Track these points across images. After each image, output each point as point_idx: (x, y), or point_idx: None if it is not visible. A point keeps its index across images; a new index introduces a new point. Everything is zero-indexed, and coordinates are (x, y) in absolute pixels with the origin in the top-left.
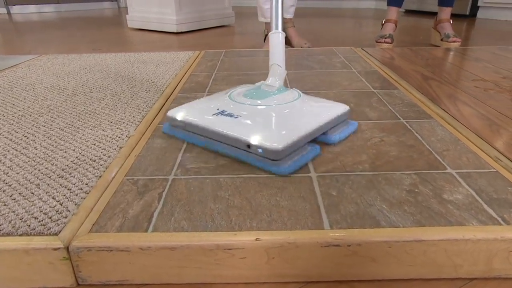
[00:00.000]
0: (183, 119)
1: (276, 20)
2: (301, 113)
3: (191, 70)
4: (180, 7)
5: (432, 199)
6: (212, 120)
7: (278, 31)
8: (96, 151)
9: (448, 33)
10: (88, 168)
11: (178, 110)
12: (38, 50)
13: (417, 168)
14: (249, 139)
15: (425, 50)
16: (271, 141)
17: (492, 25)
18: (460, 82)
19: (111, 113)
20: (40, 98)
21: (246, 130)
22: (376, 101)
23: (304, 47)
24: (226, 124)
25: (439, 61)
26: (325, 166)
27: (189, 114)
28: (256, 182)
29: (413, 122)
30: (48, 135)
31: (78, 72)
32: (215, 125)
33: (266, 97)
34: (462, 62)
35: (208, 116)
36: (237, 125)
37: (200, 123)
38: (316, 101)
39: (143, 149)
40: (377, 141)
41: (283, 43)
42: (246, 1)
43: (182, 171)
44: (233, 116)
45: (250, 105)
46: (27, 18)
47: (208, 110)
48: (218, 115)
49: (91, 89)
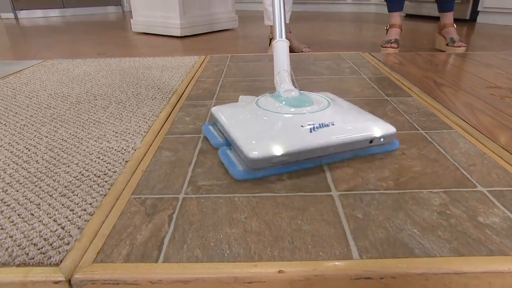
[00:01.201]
0: (285, 151)
1: (279, 28)
2: (348, 105)
3: (197, 76)
4: (184, 11)
5: (467, 223)
6: (318, 136)
7: (282, 39)
8: (101, 166)
9: (453, 38)
10: (92, 185)
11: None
12: (44, 54)
13: (445, 185)
14: (372, 134)
15: (432, 55)
16: (385, 128)
17: (492, 29)
18: (475, 89)
19: (116, 123)
20: (44, 106)
21: (359, 131)
22: (391, 109)
23: (304, 51)
24: (337, 133)
25: (449, 67)
26: (346, 183)
27: (284, 143)
28: (274, 202)
29: (432, 133)
30: (51, 147)
31: (82, 78)
32: (329, 138)
33: (311, 101)
34: (472, 67)
35: (308, 135)
36: (345, 130)
37: (311, 145)
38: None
39: (150, 163)
40: (398, 154)
41: (288, 51)
42: (249, 6)
43: (193, 189)
44: (329, 125)
45: (321, 111)
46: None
47: (296, 132)
48: (314, 130)
49: (96, 97)
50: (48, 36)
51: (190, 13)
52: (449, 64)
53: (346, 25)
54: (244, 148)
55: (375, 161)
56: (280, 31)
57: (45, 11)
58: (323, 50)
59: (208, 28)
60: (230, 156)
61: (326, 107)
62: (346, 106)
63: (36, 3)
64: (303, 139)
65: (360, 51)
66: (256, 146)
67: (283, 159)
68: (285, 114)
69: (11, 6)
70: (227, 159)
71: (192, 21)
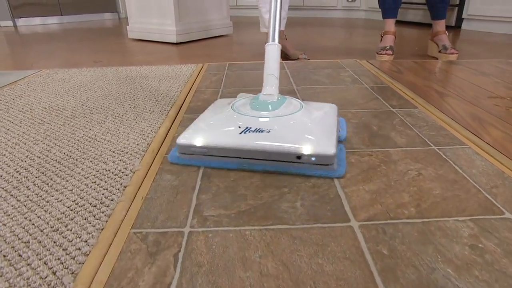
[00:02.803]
0: (206, 144)
1: (273, 32)
2: (319, 118)
3: (195, 86)
4: (180, 18)
5: (504, 259)
6: (245, 138)
7: (274, 43)
8: (97, 192)
9: (445, 45)
10: (88, 217)
11: (192, 135)
12: (40, 62)
13: (470, 212)
14: (300, 149)
15: (429, 63)
16: (321, 148)
17: (476, 36)
18: (478, 100)
19: (113, 140)
20: (37, 121)
21: (289, 142)
22: (399, 123)
23: (300, 58)
24: (264, 139)
25: (447, 75)
26: (366, 211)
27: (210, 137)
28: (289, 236)
29: (446, 149)
30: (43, 170)
31: (78, 89)
32: (252, 143)
33: (278, 107)
34: (470, 76)
35: (236, 136)
36: (276, 139)
37: (231, 144)
38: (312, 105)
39: (150, 188)
40: (415, 175)
41: (279, 55)
42: (242, 12)
43: (199, 220)
44: (264, 131)
45: (273, 117)
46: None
47: (229, 130)
48: (246, 132)
49: (91, 110)
50: (46, 43)
51: (186, 20)
52: (446, 72)
53: (338, 30)
54: (180, 135)
55: (391, 183)
56: (273, 34)
57: (43, 19)
58: (318, 57)
59: (203, 35)
60: None
61: (283, 115)
62: (312, 119)
63: (35, 11)
64: (228, 138)
65: (355, 57)
66: (186, 135)
67: (201, 151)
68: (237, 114)
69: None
70: None
71: (188, 27)
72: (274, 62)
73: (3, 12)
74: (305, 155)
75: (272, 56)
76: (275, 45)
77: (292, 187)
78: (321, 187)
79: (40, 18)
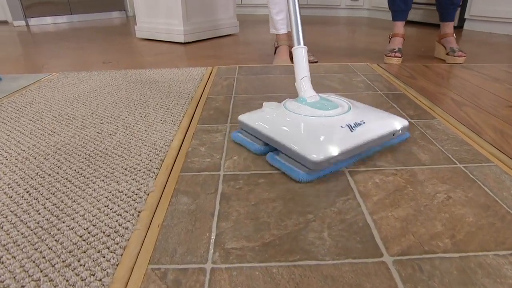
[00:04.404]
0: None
1: (297, 34)
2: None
3: (206, 92)
4: (188, 18)
5: None
6: (359, 134)
7: (301, 46)
8: (110, 218)
9: (453, 48)
10: (101, 250)
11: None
12: (51, 63)
13: (510, 244)
14: (395, 126)
15: (439, 67)
16: (401, 121)
17: (478, 36)
18: (496, 109)
19: (124, 155)
20: (48, 132)
21: (386, 125)
22: (420, 136)
23: (309, 59)
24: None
25: (460, 81)
26: (398, 243)
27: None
28: (320, 274)
29: (471, 167)
30: (54, 190)
31: (88, 95)
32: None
33: (336, 105)
34: (483, 82)
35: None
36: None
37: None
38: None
39: (167, 213)
40: (444, 198)
41: (306, 57)
42: (248, 10)
43: (221, 254)
44: (361, 124)
45: (345, 113)
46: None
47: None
48: (351, 129)
49: (101, 119)
50: (56, 43)
51: (193, 20)
52: (458, 77)
53: (342, 30)
54: (305, 152)
55: (420, 208)
56: (298, 38)
57: (54, 18)
58: (326, 58)
59: (210, 34)
60: (282, 161)
61: (349, 109)
62: (361, 106)
63: (46, 10)
64: (349, 138)
65: (362, 58)
66: (315, 149)
67: (338, 158)
68: (323, 118)
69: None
70: (282, 165)
71: (195, 27)
72: (305, 64)
73: (16, 12)
74: (397, 131)
75: (302, 58)
76: (301, 48)
77: (317, 213)
78: (348, 213)
79: (51, 17)
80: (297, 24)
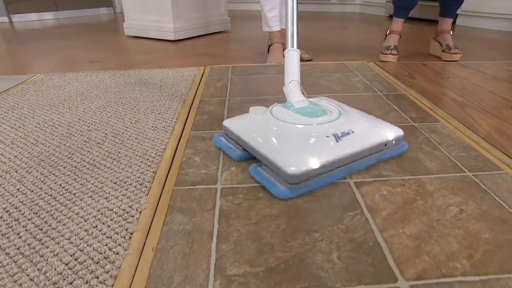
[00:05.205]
0: (319, 166)
1: (292, 37)
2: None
3: (199, 94)
4: (178, 15)
5: None
6: (344, 145)
7: (294, 48)
8: (99, 242)
9: (449, 45)
10: (90, 280)
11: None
12: (36, 63)
13: None
14: (387, 136)
15: (436, 65)
16: (395, 131)
17: (471, 32)
18: (499, 111)
19: (113, 167)
20: (31, 141)
21: (376, 135)
22: (425, 141)
23: (303, 57)
24: (358, 141)
25: (460, 80)
26: (413, 265)
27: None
28: None
29: (482, 176)
30: (36, 209)
31: (74, 98)
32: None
33: (325, 112)
34: (483, 81)
35: (336, 145)
36: (363, 137)
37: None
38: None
39: (161, 234)
40: (456, 212)
41: (298, 60)
42: (239, 5)
43: (222, 283)
44: (349, 133)
45: (334, 121)
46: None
47: (323, 142)
48: (337, 140)
49: (89, 126)
50: (41, 41)
51: (183, 17)
52: (457, 76)
53: (334, 25)
54: (282, 164)
55: (432, 224)
56: (292, 40)
57: (39, 15)
58: (321, 56)
59: (201, 31)
60: (264, 174)
61: (339, 116)
62: (353, 112)
63: (30, 6)
64: (333, 149)
65: (357, 55)
66: (294, 161)
67: (319, 171)
68: (307, 126)
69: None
70: (263, 178)
71: (185, 24)
72: (296, 68)
73: None
74: (390, 141)
75: (293, 62)
76: (294, 51)
77: (324, 231)
78: (357, 230)
79: (36, 14)
80: (293, 25)
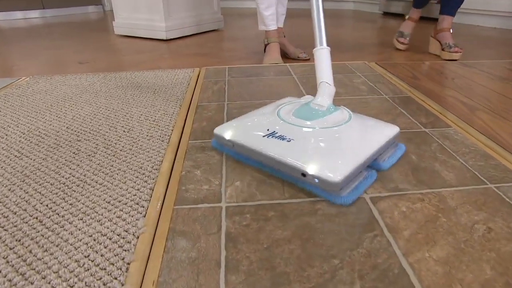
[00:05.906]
0: (232, 138)
1: (320, 34)
2: (355, 137)
3: (196, 98)
4: (169, 13)
5: None
6: (263, 142)
7: (323, 46)
8: (92, 275)
9: (449, 43)
10: None
11: (227, 127)
12: (21, 65)
13: None
14: (305, 167)
15: (439, 65)
16: (328, 171)
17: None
18: (510, 114)
19: (106, 183)
20: (14, 153)
21: (300, 157)
22: (439, 149)
23: (300, 57)
24: (278, 148)
25: (465, 81)
26: None
27: (238, 133)
28: None
29: (505, 188)
30: (20, 236)
31: (62, 104)
32: (267, 149)
33: (318, 118)
34: (488, 82)
35: (258, 138)
36: (290, 150)
37: (250, 145)
38: (366, 121)
39: (162, 265)
40: (484, 231)
41: (329, 60)
42: (232, 3)
43: None
44: (285, 139)
45: (301, 127)
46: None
47: (258, 130)
48: (269, 137)
49: (78, 135)
50: (27, 41)
51: (175, 15)
52: (461, 76)
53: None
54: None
55: (460, 245)
56: (321, 37)
57: (24, 13)
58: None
59: (194, 30)
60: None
61: (342, 124)
62: (357, 126)
63: (15, 4)
64: (252, 139)
65: (356, 54)
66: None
67: (229, 144)
68: (274, 117)
69: None
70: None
71: (177, 23)
72: (327, 68)
73: None
74: (308, 174)
75: (324, 61)
76: (325, 49)
77: (343, 257)
78: (379, 255)
79: (21, 12)
80: (319, 23)
